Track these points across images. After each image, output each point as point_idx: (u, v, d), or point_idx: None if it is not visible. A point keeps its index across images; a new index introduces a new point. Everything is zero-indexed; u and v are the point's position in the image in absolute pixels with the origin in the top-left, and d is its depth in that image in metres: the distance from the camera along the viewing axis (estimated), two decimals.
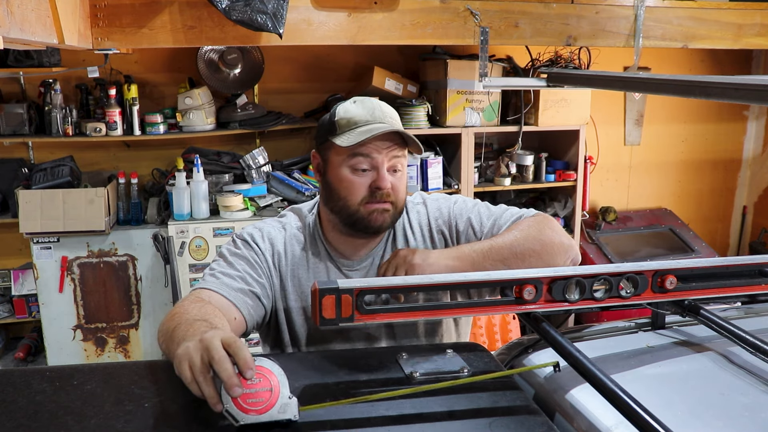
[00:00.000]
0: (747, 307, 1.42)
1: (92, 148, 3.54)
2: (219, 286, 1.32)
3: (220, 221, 3.24)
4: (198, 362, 0.90)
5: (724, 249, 4.88)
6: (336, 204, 1.39)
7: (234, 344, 0.90)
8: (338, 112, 1.37)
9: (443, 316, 1.41)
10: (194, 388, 0.90)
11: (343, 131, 1.35)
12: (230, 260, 1.39)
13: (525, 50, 3.56)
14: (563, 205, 3.89)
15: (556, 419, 1.02)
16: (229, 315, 1.27)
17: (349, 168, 1.35)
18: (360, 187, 1.35)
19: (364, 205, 1.36)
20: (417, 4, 2.86)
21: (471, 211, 1.47)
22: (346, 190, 1.36)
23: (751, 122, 4.73)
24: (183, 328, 1.07)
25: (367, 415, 0.93)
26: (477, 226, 1.44)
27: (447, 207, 1.49)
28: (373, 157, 1.34)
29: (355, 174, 1.36)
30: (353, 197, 1.36)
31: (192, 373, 0.90)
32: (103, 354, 3.37)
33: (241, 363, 0.88)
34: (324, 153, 1.41)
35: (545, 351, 1.19)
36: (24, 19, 1.71)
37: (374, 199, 1.35)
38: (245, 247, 1.42)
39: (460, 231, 1.45)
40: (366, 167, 1.35)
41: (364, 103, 1.38)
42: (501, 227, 1.42)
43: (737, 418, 0.98)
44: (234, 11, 2.46)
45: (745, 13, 3.32)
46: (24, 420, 0.92)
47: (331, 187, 1.39)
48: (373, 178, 1.35)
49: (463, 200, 1.51)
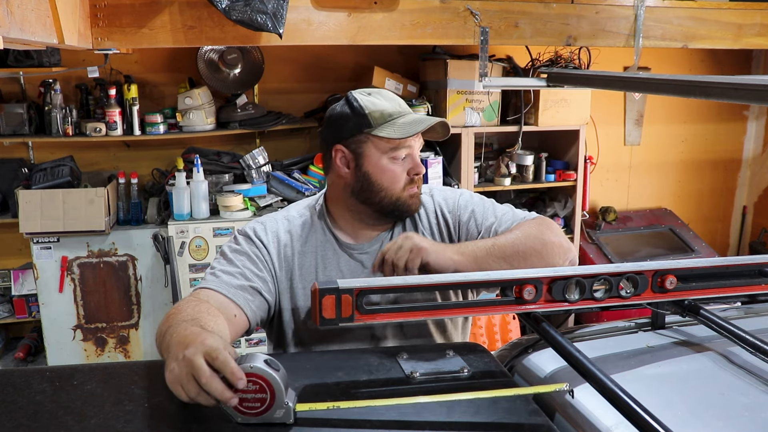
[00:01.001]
0: (747, 307, 1.42)
1: (92, 148, 3.54)
2: (218, 284, 1.32)
3: (220, 221, 3.24)
4: (188, 384, 0.91)
5: (724, 249, 4.88)
6: (377, 194, 1.42)
7: (217, 359, 0.90)
8: (366, 106, 1.40)
9: (443, 316, 1.41)
10: (191, 401, 0.91)
11: (380, 123, 1.39)
12: (230, 257, 1.40)
13: (525, 50, 3.56)
14: (563, 205, 3.89)
15: (556, 419, 1.02)
16: (229, 313, 1.27)
17: (390, 158, 1.41)
18: (401, 174, 1.43)
19: (406, 192, 1.43)
20: (417, 4, 2.86)
21: (476, 205, 1.51)
22: (390, 179, 1.42)
23: (751, 122, 4.73)
24: (173, 332, 1.06)
25: (366, 416, 0.93)
26: (480, 219, 1.48)
27: (453, 198, 1.54)
28: (411, 146, 1.42)
29: (395, 163, 1.42)
30: (397, 185, 1.42)
31: (187, 394, 0.91)
32: (103, 354, 3.37)
33: (229, 376, 0.88)
34: (356, 146, 1.43)
35: (545, 351, 1.19)
36: (24, 19, 1.71)
37: (413, 184, 1.44)
38: (246, 243, 1.43)
39: (463, 222, 1.49)
40: (404, 156, 1.42)
41: (383, 95, 1.44)
42: (501, 225, 1.45)
43: (737, 418, 0.98)
44: (234, 11, 2.45)
45: (745, 13, 3.32)
46: (24, 420, 0.92)
47: (371, 178, 1.42)
48: (410, 165, 1.43)
49: (470, 194, 1.56)
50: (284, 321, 1.45)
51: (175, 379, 0.93)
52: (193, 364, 0.91)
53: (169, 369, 0.95)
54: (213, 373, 0.89)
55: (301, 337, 1.45)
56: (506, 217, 1.48)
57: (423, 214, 1.52)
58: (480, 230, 1.47)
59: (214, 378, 0.89)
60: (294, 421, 0.90)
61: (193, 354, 0.92)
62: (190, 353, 0.92)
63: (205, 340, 0.96)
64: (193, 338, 0.98)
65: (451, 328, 1.53)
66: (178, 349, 0.96)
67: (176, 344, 0.99)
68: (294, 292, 1.44)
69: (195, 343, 0.95)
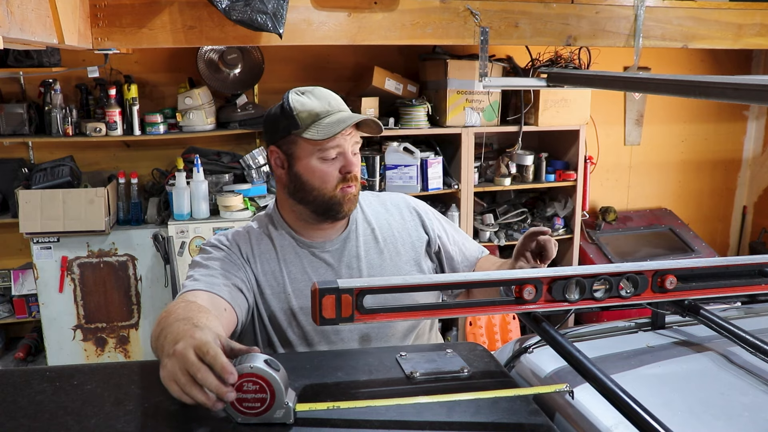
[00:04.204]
0: (747, 307, 1.42)
1: (92, 148, 3.54)
2: (202, 285, 1.32)
3: (220, 221, 3.24)
4: (183, 378, 0.90)
5: (724, 249, 4.88)
6: (309, 194, 1.43)
7: (208, 353, 0.90)
8: (294, 107, 1.41)
9: (443, 316, 1.42)
10: (188, 400, 0.91)
11: (307, 124, 1.39)
12: (205, 264, 1.40)
13: (525, 50, 3.56)
14: (563, 205, 3.89)
15: (556, 419, 1.02)
16: (219, 308, 1.28)
17: (320, 158, 1.41)
18: (332, 174, 1.42)
19: (339, 190, 1.42)
20: (417, 4, 2.86)
21: (444, 221, 1.65)
22: (320, 179, 1.42)
23: (751, 122, 4.73)
24: (166, 333, 1.05)
25: (366, 416, 0.93)
26: (448, 235, 1.63)
27: (424, 205, 1.65)
28: (340, 145, 1.41)
29: (326, 163, 1.41)
30: (328, 185, 1.42)
31: (181, 389, 0.91)
32: (103, 354, 3.37)
33: (220, 371, 0.88)
34: (287, 147, 1.44)
35: (545, 351, 1.19)
36: (24, 19, 1.71)
37: (346, 183, 1.43)
38: (216, 251, 1.44)
39: (428, 228, 1.60)
40: (335, 155, 1.41)
41: (315, 94, 1.44)
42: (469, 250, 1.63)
43: (737, 418, 0.98)
44: (234, 11, 2.45)
45: (745, 13, 3.32)
46: (24, 420, 0.92)
47: (303, 179, 1.43)
48: (342, 164, 1.42)
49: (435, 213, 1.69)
50: (255, 325, 1.46)
51: (169, 375, 0.92)
52: (185, 358, 0.90)
53: (162, 365, 0.95)
54: (206, 368, 0.89)
55: (271, 341, 1.46)
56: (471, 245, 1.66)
57: (370, 212, 1.57)
58: (445, 240, 1.60)
59: (208, 372, 0.88)
60: (294, 421, 0.90)
61: (183, 348, 0.92)
62: (180, 347, 0.92)
63: (194, 333, 0.95)
64: (183, 334, 0.98)
65: (422, 336, 1.56)
66: (170, 346, 0.96)
67: (170, 343, 0.99)
68: (264, 298, 1.45)
69: (185, 337, 0.95)
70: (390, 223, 1.57)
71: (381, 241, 1.53)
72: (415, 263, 1.55)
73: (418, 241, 1.57)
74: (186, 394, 0.90)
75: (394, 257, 1.53)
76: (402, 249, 1.54)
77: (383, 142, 3.55)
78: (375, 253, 1.52)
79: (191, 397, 0.90)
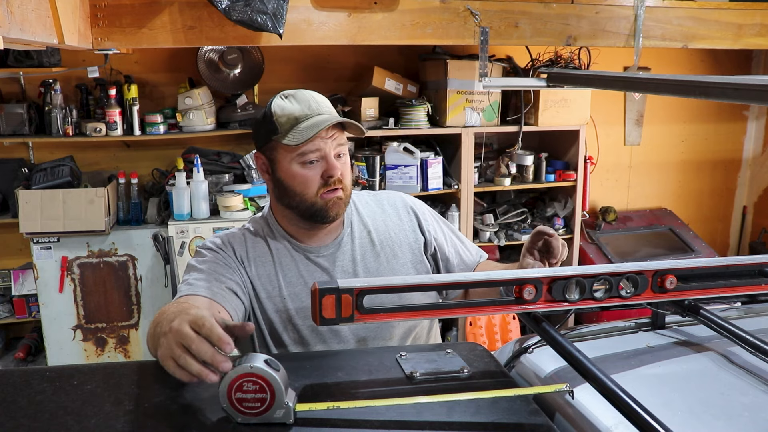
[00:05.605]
0: (747, 307, 1.42)
1: (92, 148, 3.54)
2: (196, 289, 1.32)
3: (220, 221, 3.24)
4: (177, 351, 0.91)
5: (724, 249, 4.88)
6: (292, 199, 1.42)
7: (203, 326, 0.90)
8: (275, 111, 1.40)
9: (443, 316, 1.42)
10: (184, 374, 0.91)
11: (286, 129, 1.38)
12: (200, 268, 1.40)
13: (525, 50, 3.56)
14: (563, 205, 3.89)
15: (556, 419, 1.02)
16: (213, 311, 1.27)
17: (300, 163, 1.40)
18: (313, 178, 1.40)
19: (321, 195, 1.41)
20: (417, 4, 2.86)
21: (442, 223, 1.64)
22: (301, 184, 1.40)
23: (751, 122, 4.73)
24: (161, 325, 1.05)
25: (366, 416, 0.93)
26: (445, 238, 1.62)
27: (421, 205, 1.63)
28: (320, 149, 1.39)
29: (306, 167, 1.40)
30: (309, 190, 1.40)
31: (176, 362, 0.91)
32: (103, 354, 3.37)
33: (216, 341, 0.89)
34: (269, 153, 1.44)
35: (545, 351, 1.19)
36: (24, 19, 1.71)
37: (328, 187, 1.40)
38: (211, 253, 1.44)
39: (424, 228, 1.59)
40: (315, 159, 1.39)
41: (297, 97, 1.42)
42: (468, 251, 1.62)
43: (737, 418, 0.98)
44: (234, 11, 2.45)
45: (745, 13, 3.32)
46: (24, 420, 0.92)
47: (284, 184, 1.42)
48: (324, 168, 1.40)
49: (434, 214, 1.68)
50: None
51: (165, 352, 0.93)
52: (181, 332, 0.91)
53: (159, 344, 0.95)
54: (201, 338, 0.89)
55: (267, 344, 1.46)
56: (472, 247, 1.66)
57: (365, 212, 1.56)
58: (442, 242, 1.60)
59: (202, 342, 0.88)
60: (294, 421, 0.90)
61: (179, 324, 0.92)
62: (176, 324, 0.93)
63: (189, 310, 0.96)
64: (178, 314, 0.98)
65: (420, 337, 1.56)
66: (166, 326, 0.97)
67: (165, 326, 1.00)
68: (260, 301, 1.44)
69: (180, 315, 0.96)
70: (387, 225, 1.56)
71: (377, 244, 1.52)
72: (412, 265, 1.54)
73: (416, 243, 1.56)
74: (180, 367, 0.90)
75: (390, 260, 1.52)
76: (399, 251, 1.53)
77: (383, 142, 3.56)
78: (371, 256, 1.51)
79: (186, 369, 0.90)
